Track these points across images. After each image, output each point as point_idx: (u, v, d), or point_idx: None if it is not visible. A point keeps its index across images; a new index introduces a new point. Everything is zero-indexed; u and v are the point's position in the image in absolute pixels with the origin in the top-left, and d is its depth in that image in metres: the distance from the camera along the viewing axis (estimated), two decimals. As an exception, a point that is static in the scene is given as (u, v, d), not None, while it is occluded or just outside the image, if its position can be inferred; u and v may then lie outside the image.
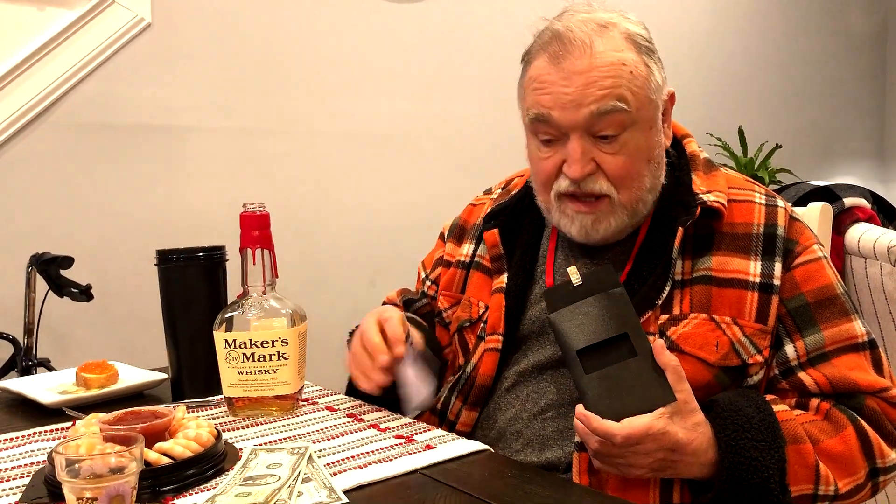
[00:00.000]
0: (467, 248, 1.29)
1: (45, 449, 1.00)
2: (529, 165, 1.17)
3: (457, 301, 1.27)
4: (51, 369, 1.64)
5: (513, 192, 1.26)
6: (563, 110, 1.05)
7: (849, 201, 1.69)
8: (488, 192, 1.35)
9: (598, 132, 1.06)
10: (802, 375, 1.05)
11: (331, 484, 0.84)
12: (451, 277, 1.29)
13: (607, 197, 1.08)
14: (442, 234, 1.37)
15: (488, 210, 1.26)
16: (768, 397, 1.04)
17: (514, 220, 1.23)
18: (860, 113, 4.06)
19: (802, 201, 1.61)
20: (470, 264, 1.27)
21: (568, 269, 1.05)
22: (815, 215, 1.51)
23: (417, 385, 1.11)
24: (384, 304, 1.41)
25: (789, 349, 1.07)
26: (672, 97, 1.14)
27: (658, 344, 0.98)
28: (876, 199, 1.79)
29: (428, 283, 1.35)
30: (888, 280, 1.54)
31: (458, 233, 1.33)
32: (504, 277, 1.19)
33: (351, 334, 1.32)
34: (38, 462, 0.95)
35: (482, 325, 1.19)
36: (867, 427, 1.02)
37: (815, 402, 1.05)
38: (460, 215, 1.36)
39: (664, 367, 0.96)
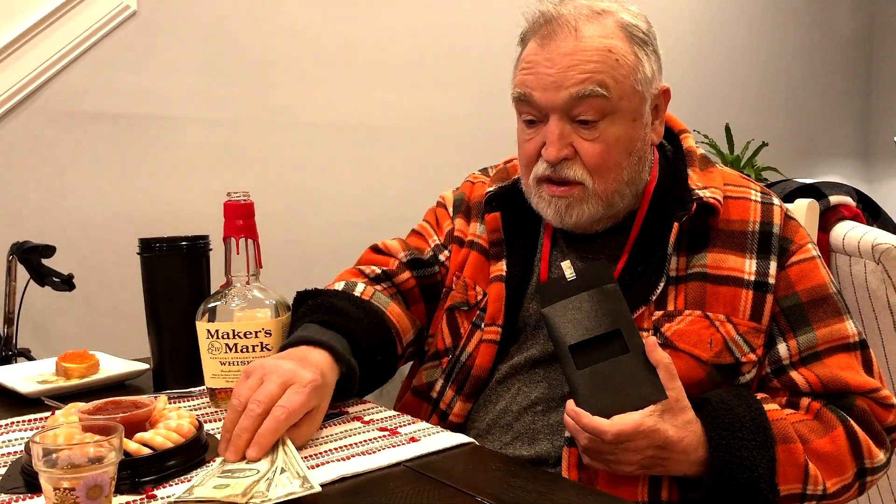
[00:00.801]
0: (478, 229, 1.24)
1: (22, 439, 0.98)
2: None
3: (453, 283, 1.23)
4: (31, 359, 1.62)
5: (514, 176, 1.22)
6: (544, 91, 1.06)
7: (834, 199, 1.69)
8: (484, 171, 1.32)
9: (576, 116, 1.06)
10: (794, 374, 1.06)
11: (304, 473, 0.82)
12: (464, 257, 1.24)
13: (581, 184, 1.08)
14: (443, 205, 1.31)
15: (488, 190, 1.22)
16: (759, 396, 1.04)
17: (516, 204, 1.20)
18: (845, 112, 4.09)
19: (788, 199, 1.62)
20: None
21: (562, 264, 1.05)
22: (801, 212, 1.51)
23: None
24: (376, 248, 1.31)
25: (782, 348, 1.07)
26: (666, 93, 1.13)
27: (650, 341, 0.97)
28: (861, 198, 1.80)
29: (446, 252, 1.27)
30: (872, 278, 1.55)
31: (465, 210, 1.28)
32: (503, 265, 1.17)
33: (301, 296, 1.19)
34: (16, 452, 0.93)
35: (479, 312, 1.18)
36: (857, 427, 1.02)
37: (805, 401, 1.05)
38: (462, 191, 1.31)
39: (656, 364, 0.96)
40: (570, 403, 0.97)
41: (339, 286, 1.21)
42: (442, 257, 1.27)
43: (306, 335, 1.03)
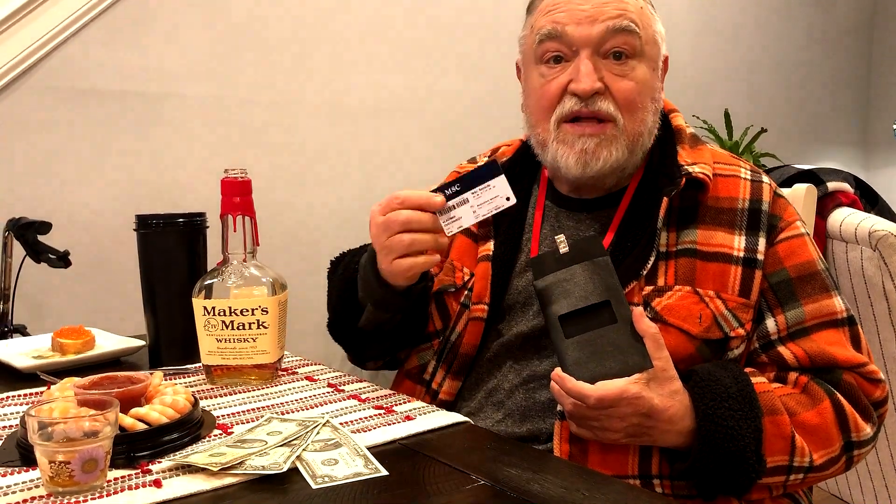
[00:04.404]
0: None
1: (18, 413, 0.98)
2: (527, 104, 1.18)
3: (441, 267, 1.25)
4: (26, 335, 1.61)
5: (502, 160, 1.24)
6: (578, 25, 1.08)
7: (832, 185, 1.69)
8: (473, 160, 1.34)
9: (609, 50, 1.09)
10: (782, 349, 1.06)
11: (365, 452, 0.83)
12: None
13: (612, 122, 1.09)
14: None
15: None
16: (747, 370, 1.04)
17: None
18: (845, 100, 4.08)
19: (786, 184, 1.62)
20: None
21: (556, 238, 1.05)
22: (799, 197, 1.52)
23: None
24: None
25: (770, 323, 1.07)
26: (666, 61, 1.17)
27: (637, 311, 0.98)
28: (859, 184, 1.80)
29: None
30: (868, 264, 1.55)
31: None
32: (490, 245, 1.18)
33: (335, 262, 1.27)
34: (12, 426, 0.93)
35: (467, 292, 1.18)
36: (843, 401, 1.03)
37: (793, 375, 1.05)
38: (446, 181, 1.34)
39: (643, 334, 0.97)
40: (557, 370, 0.98)
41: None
42: None
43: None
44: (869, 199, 1.84)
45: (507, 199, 0.99)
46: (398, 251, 1.01)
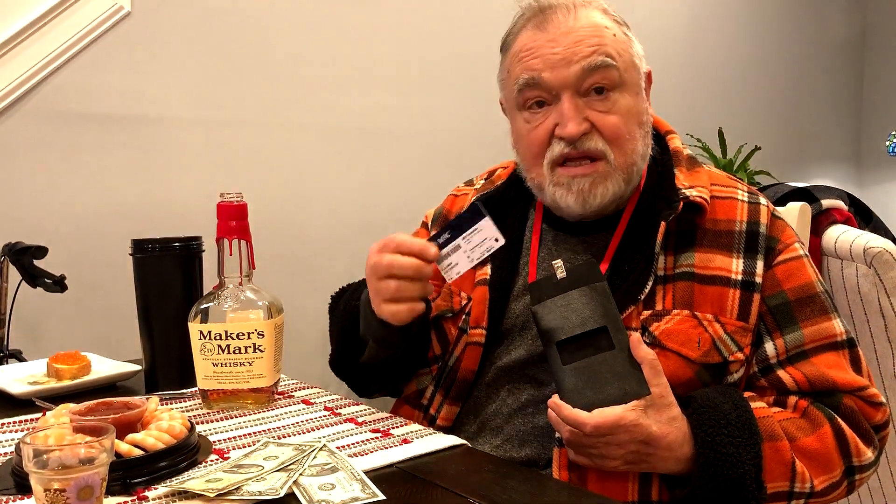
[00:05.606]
0: None
1: (13, 440, 0.98)
2: (517, 148, 1.17)
3: (439, 292, 1.25)
4: (22, 360, 1.61)
5: (497, 183, 1.25)
6: (553, 70, 1.08)
7: (826, 203, 1.70)
8: (469, 182, 1.34)
9: (589, 87, 1.08)
10: (781, 373, 1.06)
11: (362, 477, 0.82)
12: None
13: (604, 159, 1.09)
14: (425, 223, 1.35)
15: (473, 199, 1.24)
16: (746, 394, 1.04)
17: (499, 211, 1.22)
18: (838, 117, 4.10)
19: (781, 202, 1.62)
20: None
21: (553, 263, 1.05)
22: (794, 215, 1.52)
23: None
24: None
25: (769, 347, 1.07)
26: (649, 76, 1.16)
27: (635, 338, 0.98)
28: (853, 201, 1.81)
29: None
30: (864, 281, 1.55)
31: (442, 222, 1.31)
32: (488, 269, 1.18)
33: (336, 297, 1.28)
34: (7, 454, 0.93)
35: (464, 317, 1.18)
36: (844, 425, 1.02)
37: (793, 399, 1.05)
38: (443, 204, 1.34)
39: (640, 360, 0.96)
40: (554, 397, 0.97)
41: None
42: None
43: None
44: (863, 216, 1.84)
45: (496, 240, 1.01)
46: (384, 296, 1.03)
